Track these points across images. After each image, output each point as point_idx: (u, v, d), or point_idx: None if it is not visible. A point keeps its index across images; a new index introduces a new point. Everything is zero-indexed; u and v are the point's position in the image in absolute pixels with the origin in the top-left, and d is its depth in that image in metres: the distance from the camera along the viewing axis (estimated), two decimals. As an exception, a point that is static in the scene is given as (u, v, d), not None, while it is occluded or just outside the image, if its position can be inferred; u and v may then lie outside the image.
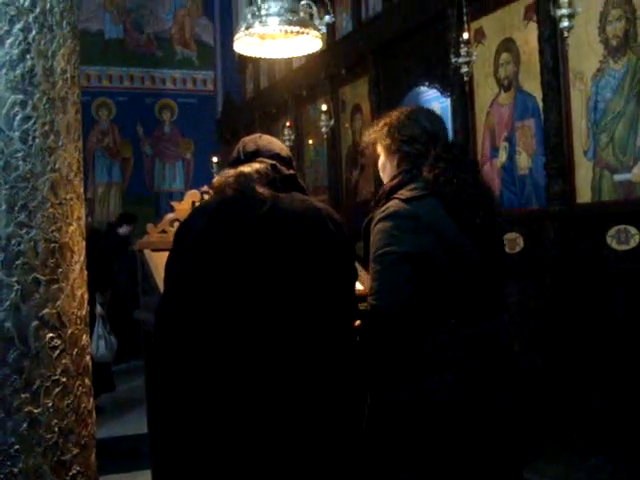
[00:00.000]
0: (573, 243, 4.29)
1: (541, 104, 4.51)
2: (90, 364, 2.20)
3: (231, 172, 2.19)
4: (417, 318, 2.11)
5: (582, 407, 4.25)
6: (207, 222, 2.10)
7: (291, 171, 2.25)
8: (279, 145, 2.35)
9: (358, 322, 2.22)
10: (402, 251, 2.10)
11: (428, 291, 2.12)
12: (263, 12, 2.78)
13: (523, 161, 4.76)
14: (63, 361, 2.01)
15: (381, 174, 2.47)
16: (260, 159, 2.21)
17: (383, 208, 2.22)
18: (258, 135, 2.37)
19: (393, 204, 2.19)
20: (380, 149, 2.42)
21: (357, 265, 2.40)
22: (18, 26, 1.94)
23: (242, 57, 3.66)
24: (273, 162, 2.20)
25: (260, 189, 2.09)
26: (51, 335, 1.97)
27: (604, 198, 4.17)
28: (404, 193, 2.20)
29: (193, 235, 2.10)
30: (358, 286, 2.44)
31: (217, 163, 9.47)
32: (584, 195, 4.29)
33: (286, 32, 2.88)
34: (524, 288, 4.50)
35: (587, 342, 4.24)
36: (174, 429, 2.16)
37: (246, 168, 2.17)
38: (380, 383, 2.24)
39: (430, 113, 2.44)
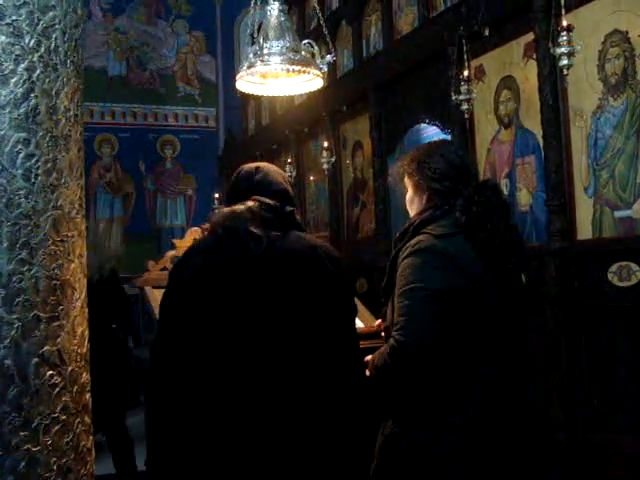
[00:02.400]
0: (574, 279, 4.28)
1: (541, 141, 4.53)
2: (90, 401, 2.19)
3: (225, 210, 2.18)
4: (441, 356, 2.10)
5: (586, 444, 4.21)
6: (201, 262, 2.09)
7: (287, 208, 2.21)
8: (276, 178, 2.30)
9: (369, 357, 2.21)
10: (433, 288, 2.08)
11: (454, 330, 2.10)
12: (265, 51, 2.81)
13: (524, 198, 4.77)
14: (63, 399, 2.00)
15: (408, 207, 2.45)
16: (255, 197, 2.18)
17: (414, 242, 2.20)
18: (255, 166, 2.33)
19: (424, 239, 2.17)
20: (408, 184, 2.42)
21: (359, 303, 2.39)
22: (23, 65, 1.96)
23: (244, 94, 3.70)
24: (268, 201, 2.16)
25: (253, 229, 2.07)
26: (51, 372, 1.96)
27: (605, 235, 4.17)
28: (435, 229, 2.19)
29: (187, 275, 2.09)
30: (358, 323, 2.42)
31: (218, 199, 9.50)
32: (585, 232, 4.29)
33: (288, 71, 2.90)
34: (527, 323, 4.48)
35: (589, 379, 4.21)
36: (172, 467, 2.14)
37: (239, 207, 2.14)
38: (397, 421, 2.21)
39: (458, 147, 2.44)
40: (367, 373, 2.23)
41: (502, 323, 2.16)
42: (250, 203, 2.15)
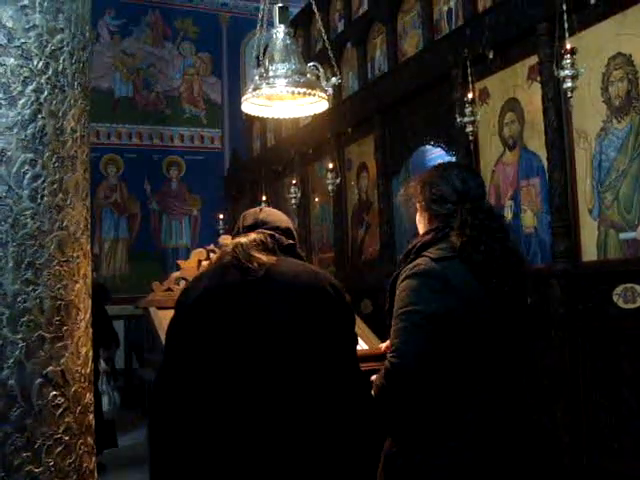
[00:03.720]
0: (579, 301, 4.28)
1: (546, 163, 4.54)
2: (93, 422, 2.18)
3: (230, 242, 2.23)
4: (437, 379, 2.09)
5: (591, 469, 4.18)
6: (205, 288, 2.11)
7: (290, 241, 2.27)
8: (279, 217, 2.37)
9: (374, 377, 2.21)
10: (428, 312, 2.09)
11: (450, 353, 2.10)
12: (271, 74, 2.82)
13: (528, 219, 4.77)
14: (66, 419, 2.00)
15: (418, 229, 2.47)
16: (259, 230, 2.24)
17: (412, 265, 2.21)
18: (258, 208, 2.41)
19: (423, 262, 2.18)
20: (416, 205, 2.44)
21: (363, 325, 2.40)
22: (31, 87, 1.98)
23: (249, 115, 3.73)
24: (271, 232, 2.22)
25: (257, 254, 2.10)
26: (54, 393, 1.96)
27: (610, 256, 4.17)
28: (434, 252, 2.19)
29: (191, 301, 2.12)
30: (363, 345, 2.42)
31: (223, 220, 9.53)
32: (590, 253, 4.29)
33: (293, 93, 2.92)
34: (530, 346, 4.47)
35: (594, 401, 4.19)
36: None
37: (243, 238, 2.20)
38: (396, 440, 2.21)
39: (464, 170, 2.42)
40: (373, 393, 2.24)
41: (500, 347, 2.15)
42: (254, 235, 2.21)
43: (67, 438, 1.99)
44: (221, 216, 9.67)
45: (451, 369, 2.11)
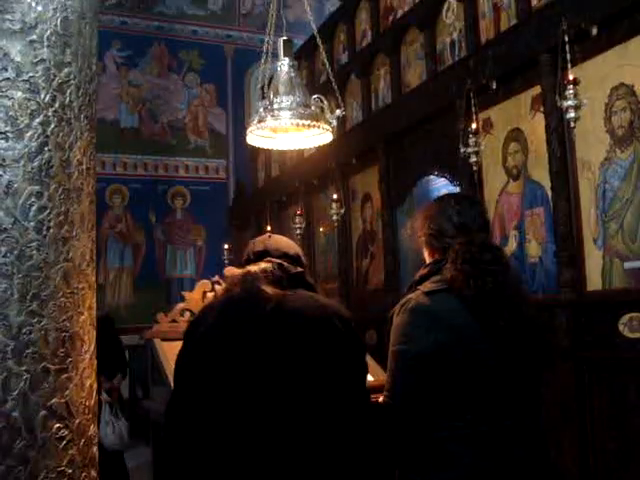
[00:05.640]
0: (584, 331, 4.26)
1: (550, 193, 4.55)
2: (97, 455, 2.17)
3: (238, 271, 2.23)
4: (432, 412, 2.09)
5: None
6: (213, 321, 2.10)
7: (299, 269, 2.26)
8: (287, 244, 2.38)
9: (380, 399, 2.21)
10: (415, 351, 2.09)
11: (444, 386, 2.09)
12: (275, 106, 2.84)
13: (533, 249, 4.77)
14: (70, 452, 1.99)
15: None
16: (268, 259, 2.24)
17: (404, 300, 2.22)
18: (267, 235, 2.42)
19: (414, 296, 2.19)
20: (420, 239, 2.45)
21: (368, 356, 2.38)
22: (38, 120, 2.00)
23: (254, 146, 3.76)
24: (280, 261, 2.22)
25: (265, 288, 2.10)
26: (58, 425, 1.95)
27: (615, 286, 4.16)
28: (428, 285, 2.20)
29: (200, 333, 2.10)
30: (368, 376, 2.41)
31: (228, 250, 9.53)
32: (595, 283, 4.28)
33: (298, 125, 2.93)
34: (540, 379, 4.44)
35: (601, 431, 4.16)
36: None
37: (253, 267, 2.20)
38: (399, 467, 2.21)
39: (461, 201, 2.41)
40: None
41: (498, 379, 2.13)
42: (263, 264, 2.21)
43: (70, 471, 1.98)
44: (226, 246, 9.68)
45: (447, 401, 2.10)
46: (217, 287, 3.30)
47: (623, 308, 4.04)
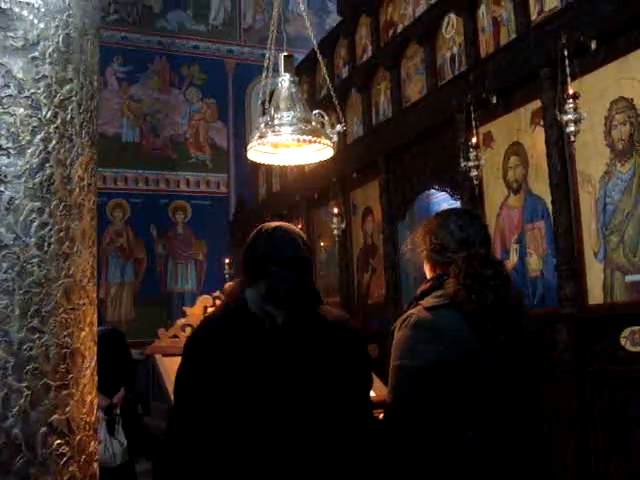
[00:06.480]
0: (586, 345, 4.25)
1: (550, 206, 4.55)
2: (97, 471, 2.16)
3: (240, 285, 2.14)
4: (434, 427, 2.08)
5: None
6: (217, 340, 2.03)
7: (305, 277, 2.18)
8: (294, 240, 2.22)
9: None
10: (416, 366, 2.09)
11: (445, 400, 2.08)
12: (276, 121, 2.84)
13: (534, 263, 4.77)
14: (70, 468, 1.98)
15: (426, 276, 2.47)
16: (271, 269, 2.12)
17: (405, 315, 2.22)
18: (274, 227, 2.26)
19: (415, 311, 2.19)
20: (421, 254, 2.44)
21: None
22: (39, 136, 2.00)
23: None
24: (283, 275, 2.11)
25: (268, 308, 2.02)
26: (59, 442, 1.95)
27: (616, 299, 4.15)
28: (429, 300, 2.20)
29: (203, 352, 2.03)
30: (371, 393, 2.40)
31: (229, 264, 9.53)
32: (596, 296, 4.28)
33: (298, 141, 2.93)
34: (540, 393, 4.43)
35: (603, 445, 4.14)
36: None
37: (254, 288, 2.09)
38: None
39: (462, 216, 2.40)
40: None
41: (499, 393, 2.13)
42: (263, 285, 2.09)
43: (71, 488, 1.97)
44: (227, 260, 9.68)
45: (447, 416, 2.10)
46: (218, 302, 3.29)
47: (625, 321, 4.03)
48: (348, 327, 2.15)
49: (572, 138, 4.13)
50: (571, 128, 4.09)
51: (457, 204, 5.66)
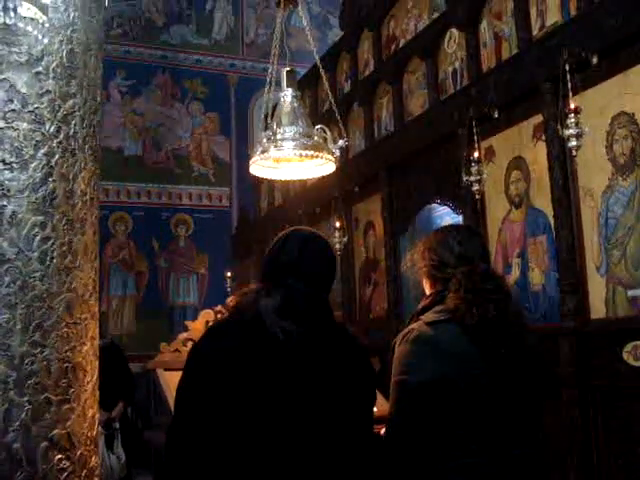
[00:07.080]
0: (588, 359, 4.24)
1: (552, 221, 4.55)
2: (99, 486, 2.16)
3: (254, 295, 2.04)
4: (436, 443, 2.08)
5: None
6: (226, 352, 1.96)
7: (323, 294, 2.11)
8: (325, 256, 2.15)
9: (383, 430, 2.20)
10: (417, 381, 2.09)
11: (447, 416, 2.08)
12: (278, 136, 2.85)
13: (536, 277, 4.76)
14: (71, 483, 1.97)
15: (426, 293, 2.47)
16: (289, 282, 2.05)
17: (406, 330, 2.21)
18: (307, 235, 2.17)
19: (416, 326, 2.19)
20: (421, 270, 2.44)
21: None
22: (42, 151, 2.01)
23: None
24: (301, 291, 2.04)
25: (283, 323, 1.95)
26: (60, 456, 1.94)
27: (619, 314, 4.14)
28: (430, 315, 2.20)
29: (210, 363, 1.97)
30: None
31: (231, 278, 9.53)
32: (598, 311, 4.27)
33: (301, 156, 2.93)
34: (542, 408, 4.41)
35: (607, 460, 4.12)
36: None
37: (270, 301, 2.00)
38: None
39: (462, 232, 2.40)
40: None
41: (501, 408, 2.12)
42: (278, 297, 2.01)
43: (72, 503, 1.96)
44: (229, 274, 9.68)
45: (448, 431, 2.09)
46: (219, 317, 3.29)
47: (627, 336, 4.02)
48: (358, 345, 2.15)
49: (574, 153, 4.14)
50: (573, 143, 4.10)
51: (459, 218, 5.66)
